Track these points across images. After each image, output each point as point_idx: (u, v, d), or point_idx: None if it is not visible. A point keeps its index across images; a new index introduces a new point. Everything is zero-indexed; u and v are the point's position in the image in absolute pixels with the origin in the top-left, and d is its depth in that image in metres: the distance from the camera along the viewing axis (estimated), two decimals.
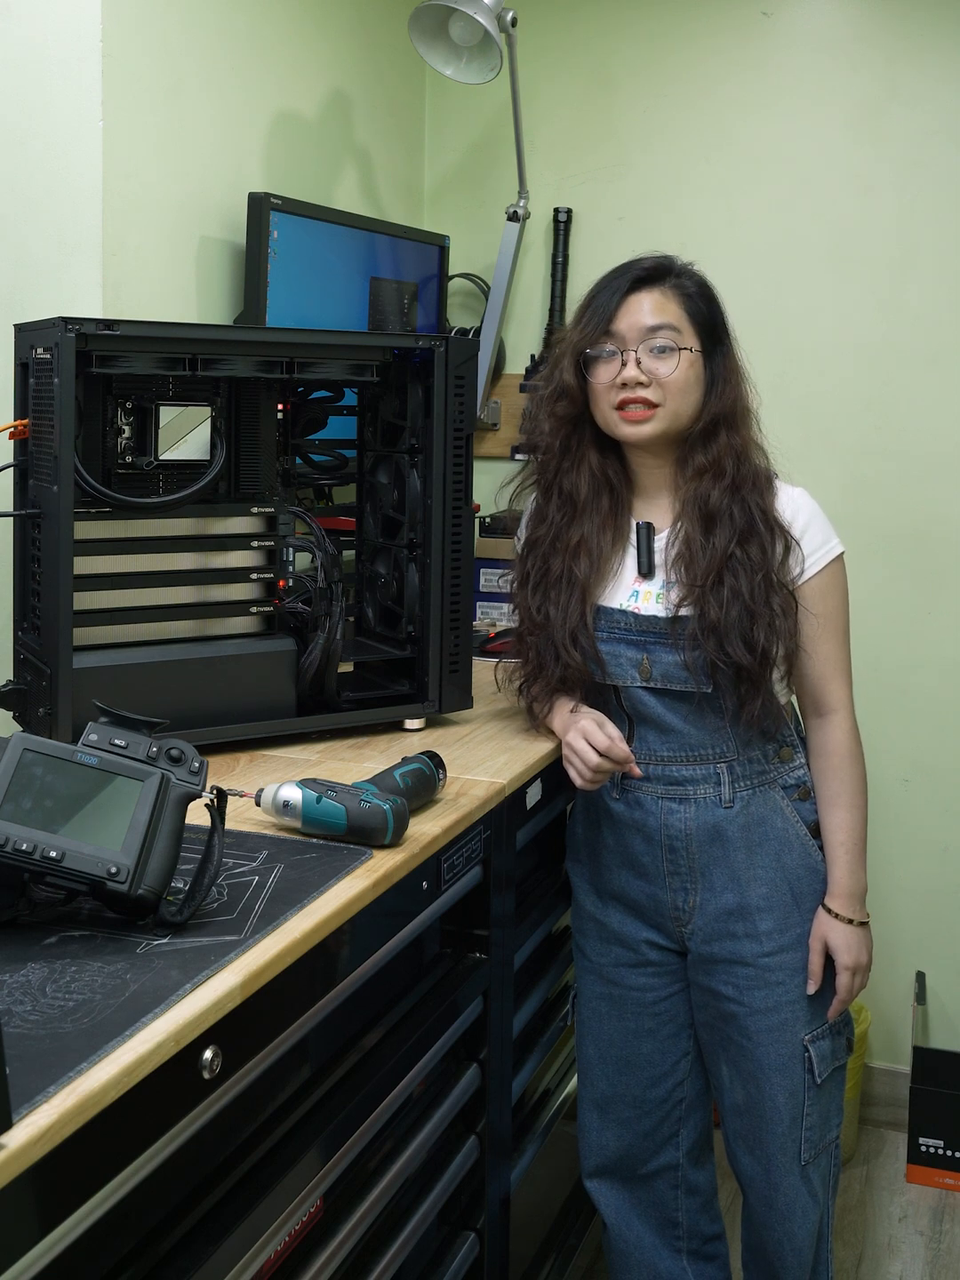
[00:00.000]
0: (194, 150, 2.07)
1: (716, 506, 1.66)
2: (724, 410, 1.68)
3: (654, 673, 1.70)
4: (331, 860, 1.30)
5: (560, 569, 1.73)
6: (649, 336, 1.65)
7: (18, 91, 1.84)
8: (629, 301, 1.66)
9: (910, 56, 2.58)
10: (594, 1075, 1.85)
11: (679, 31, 2.72)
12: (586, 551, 1.72)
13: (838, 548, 1.71)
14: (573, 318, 1.74)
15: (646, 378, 1.64)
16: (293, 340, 1.69)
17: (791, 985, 1.71)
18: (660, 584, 1.71)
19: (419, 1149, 1.46)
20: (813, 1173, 1.75)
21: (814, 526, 1.70)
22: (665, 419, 1.66)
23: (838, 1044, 1.75)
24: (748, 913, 1.72)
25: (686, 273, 1.71)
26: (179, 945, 1.10)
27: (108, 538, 1.60)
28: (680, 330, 1.66)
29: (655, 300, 1.66)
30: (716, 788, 1.71)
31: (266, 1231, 1.14)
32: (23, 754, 1.11)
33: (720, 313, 1.72)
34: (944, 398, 2.62)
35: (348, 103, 2.55)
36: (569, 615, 1.71)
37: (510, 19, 2.38)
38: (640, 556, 1.72)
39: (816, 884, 1.73)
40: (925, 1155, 2.62)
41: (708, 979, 1.75)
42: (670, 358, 1.65)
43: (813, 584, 1.69)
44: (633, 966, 1.79)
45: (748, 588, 1.63)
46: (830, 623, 1.70)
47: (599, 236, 2.80)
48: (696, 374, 1.68)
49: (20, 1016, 0.96)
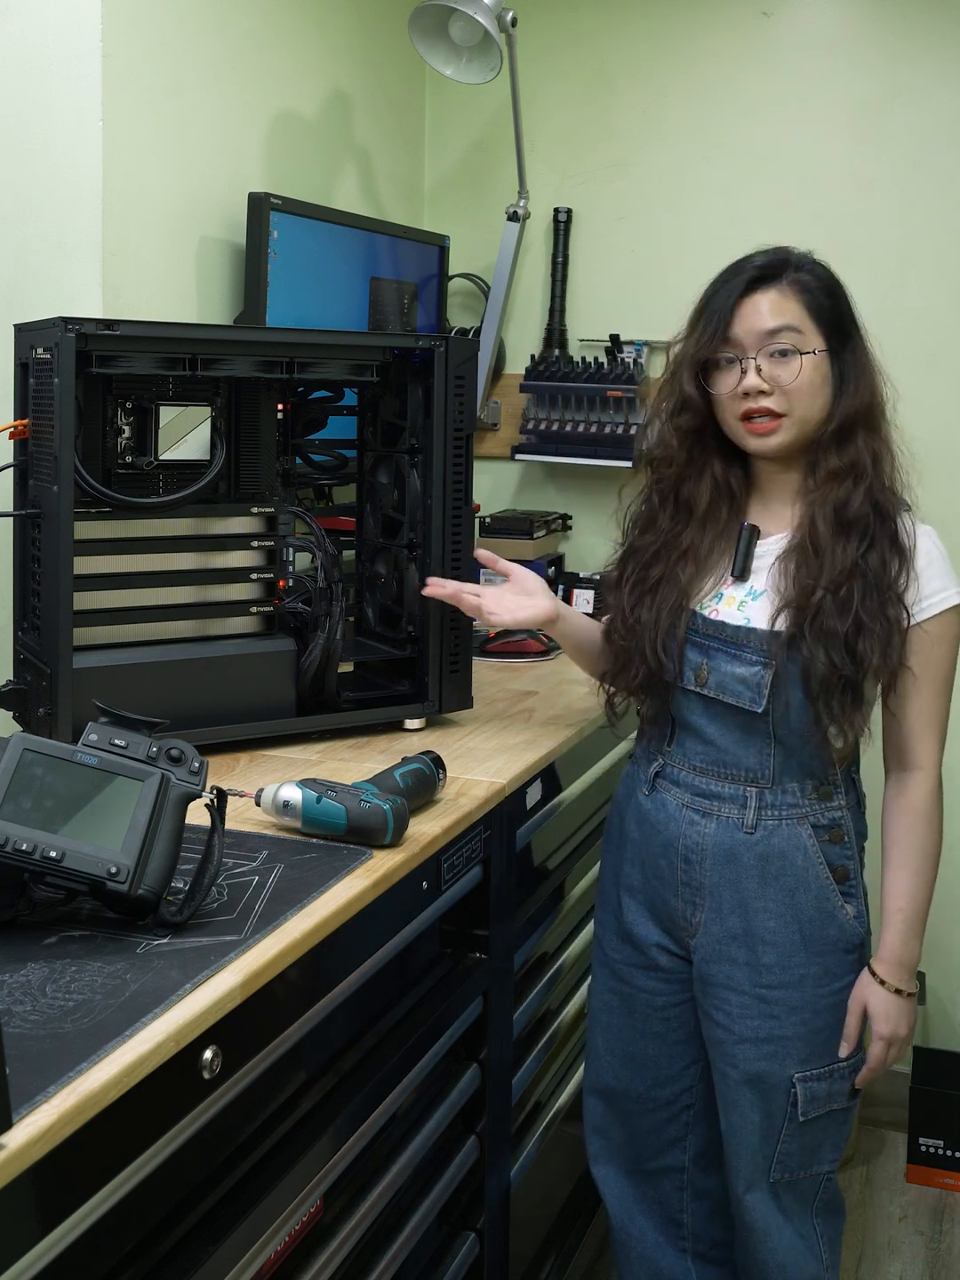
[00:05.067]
0: (194, 150, 2.07)
1: (857, 513, 1.55)
2: (859, 409, 1.57)
3: (710, 680, 1.62)
4: (331, 860, 1.30)
5: (661, 574, 1.65)
6: (768, 341, 1.54)
7: (18, 91, 1.84)
8: (745, 304, 1.56)
9: (911, 56, 2.58)
10: (600, 1065, 1.84)
11: (679, 31, 2.72)
12: (694, 556, 1.64)
13: (956, 597, 1.59)
14: (687, 324, 1.63)
15: (769, 385, 1.54)
16: (293, 340, 1.69)
17: (787, 1022, 1.64)
18: (747, 591, 1.63)
19: (419, 1149, 1.46)
20: (785, 1193, 1.68)
21: (934, 568, 1.59)
22: (793, 428, 1.57)
23: (837, 1088, 1.66)
24: (751, 942, 1.65)
25: (806, 264, 1.59)
26: (179, 945, 1.10)
27: (108, 538, 1.60)
28: (802, 331, 1.55)
29: (773, 300, 1.55)
30: (741, 810, 1.64)
31: (266, 1231, 1.14)
32: (23, 754, 1.11)
33: (847, 305, 1.60)
34: (944, 398, 2.62)
35: (348, 103, 2.55)
36: (661, 619, 1.63)
37: (510, 19, 2.38)
38: (737, 558, 1.64)
39: (830, 929, 1.64)
40: (925, 1155, 2.62)
41: (703, 998, 1.71)
42: (792, 362, 1.54)
43: (921, 629, 1.57)
44: (642, 969, 1.76)
45: (862, 596, 1.53)
46: (932, 674, 1.59)
47: (599, 236, 2.80)
48: (823, 375, 1.57)
49: (20, 1016, 0.96)
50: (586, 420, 2.68)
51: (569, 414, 2.70)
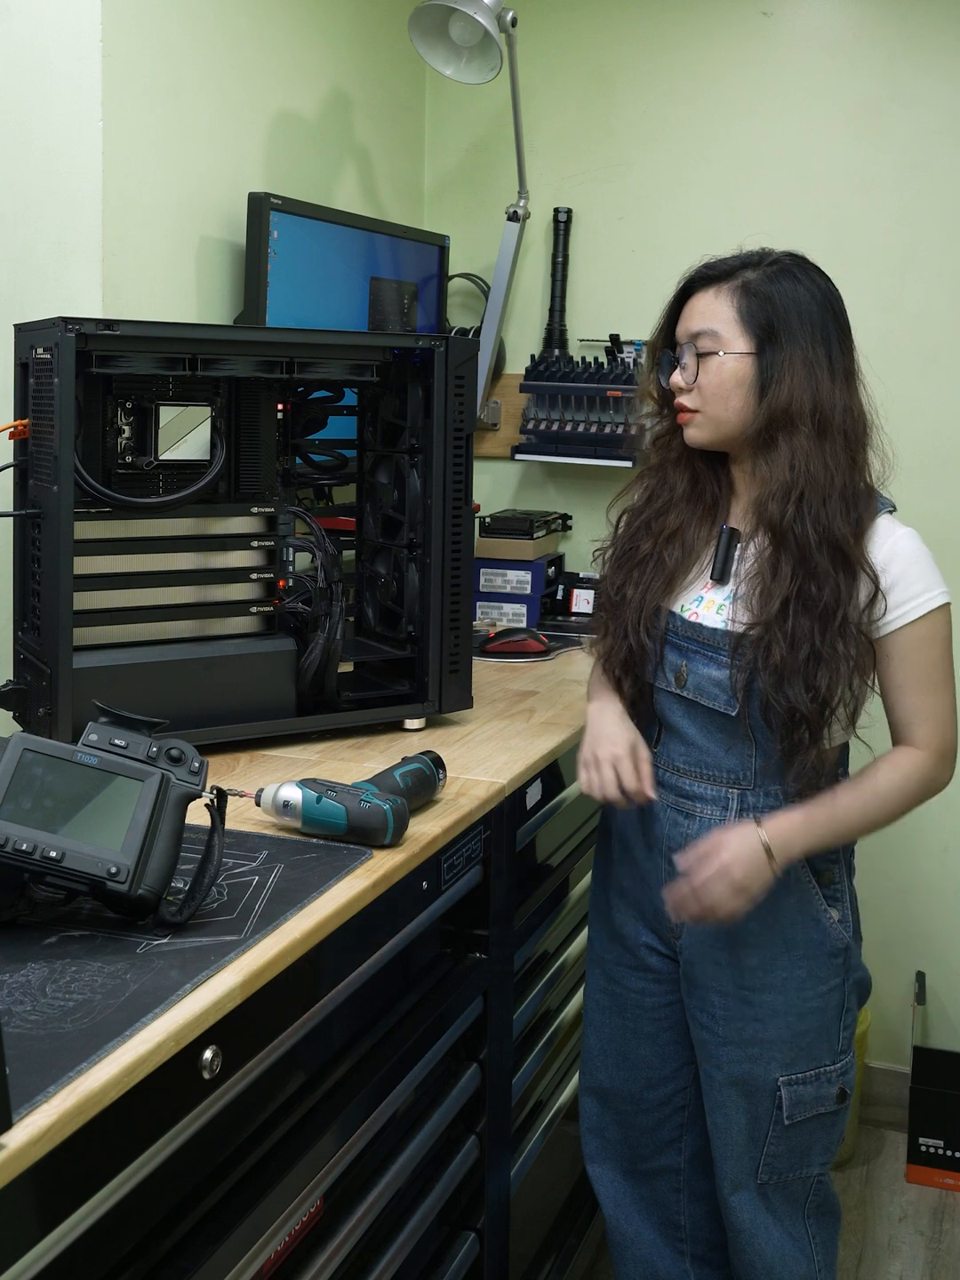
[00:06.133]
0: (194, 150, 2.07)
1: (776, 520, 1.55)
2: (776, 412, 1.56)
3: (688, 682, 1.64)
4: (331, 860, 1.30)
5: (650, 551, 1.67)
6: (693, 341, 1.60)
7: (18, 91, 1.84)
8: (686, 305, 1.64)
9: (911, 56, 2.58)
10: (594, 1065, 1.84)
11: (679, 31, 2.72)
12: (681, 541, 1.66)
13: (939, 598, 1.57)
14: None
15: (686, 383, 1.60)
16: (293, 340, 1.69)
17: (770, 1025, 1.63)
18: (727, 595, 1.64)
19: (419, 1149, 1.46)
20: (774, 1194, 1.68)
21: (909, 576, 1.57)
22: (706, 426, 1.61)
23: (824, 1092, 1.65)
24: (734, 943, 1.65)
25: (765, 264, 1.60)
26: (179, 945, 1.10)
27: (108, 538, 1.60)
28: (722, 333, 1.58)
29: (706, 302, 1.60)
30: (723, 812, 1.64)
31: (266, 1231, 1.14)
32: (23, 754, 1.11)
33: (785, 308, 1.57)
34: (944, 398, 2.62)
35: (348, 103, 2.55)
36: (645, 602, 1.65)
37: (510, 19, 2.38)
38: (716, 560, 1.65)
39: (814, 933, 1.64)
40: (925, 1155, 2.62)
41: (689, 999, 1.71)
42: (708, 362, 1.58)
43: (902, 635, 1.56)
44: (632, 969, 1.77)
45: (818, 630, 1.52)
46: (921, 675, 1.58)
47: (599, 236, 2.80)
48: (739, 378, 1.58)
49: (20, 1016, 0.96)
50: (586, 420, 2.68)
51: (569, 414, 2.70)
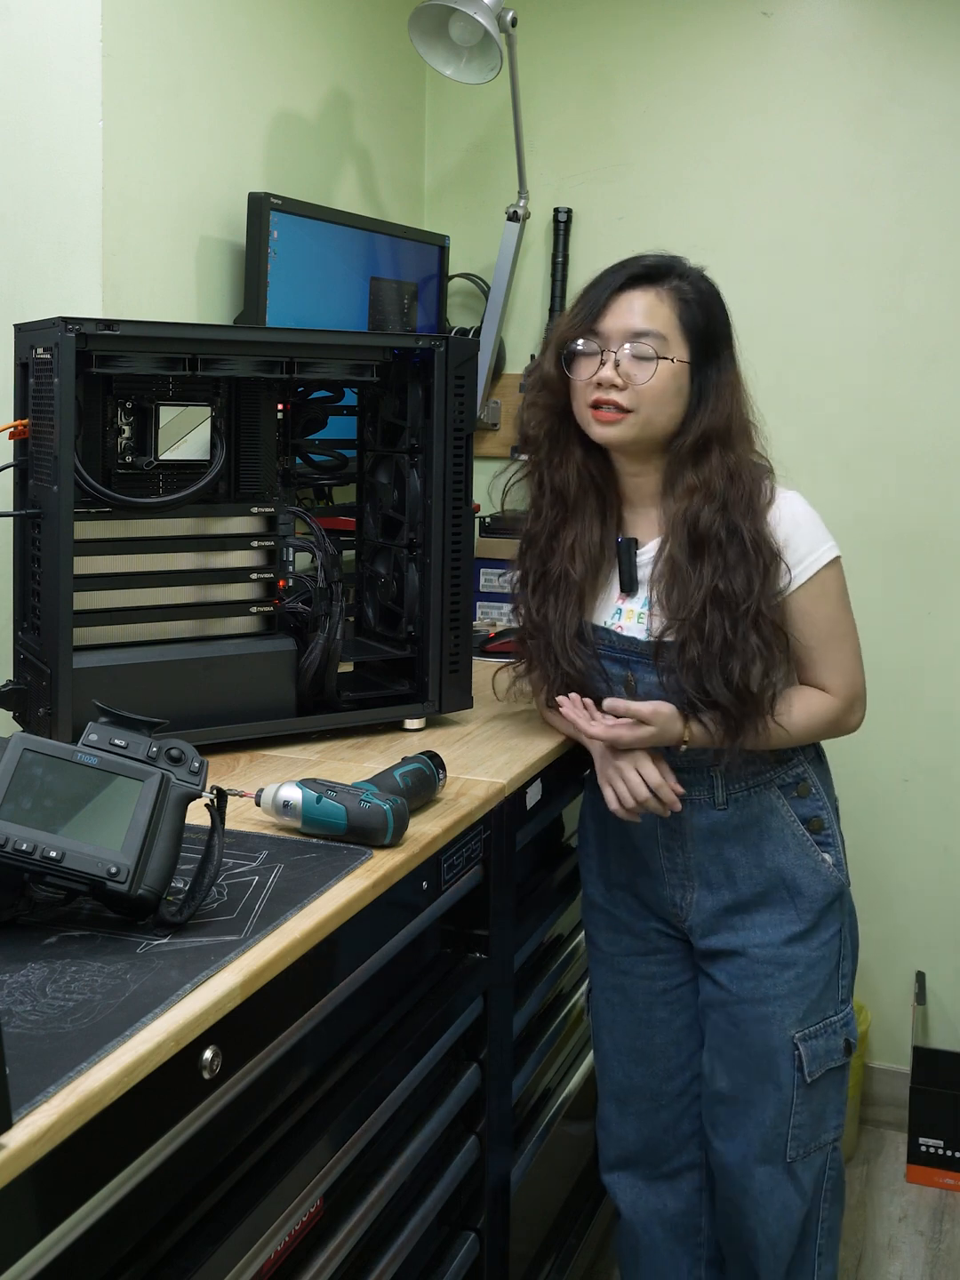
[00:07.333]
0: (194, 150, 2.07)
1: (706, 530, 1.58)
2: (716, 427, 1.61)
3: (639, 689, 1.68)
4: (331, 860, 1.30)
5: (558, 570, 1.70)
6: (632, 340, 1.59)
7: (18, 91, 1.84)
8: (620, 300, 1.61)
9: (910, 56, 2.58)
10: (610, 1066, 1.85)
11: (679, 31, 2.72)
12: (581, 554, 1.69)
13: (829, 553, 1.64)
14: (569, 306, 1.69)
15: (623, 381, 1.59)
16: (293, 340, 1.69)
17: (781, 980, 1.69)
18: (643, 603, 1.68)
19: (419, 1149, 1.46)
20: (800, 1170, 1.72)
21: (798, 535, 1.62)
22: (636, 426, 1.61)
23: (833, 1044, 1.73)
24: (743, 908, 1.72)
25: (690, 276, 1.64)
26: (179, 945, 1.10)
27: (108, 538, 1.60)
28: (667, 339, 1.60)
29: (648, 303, 1.60)
30: (710, 791, 1.71)
31: (266, 1231, 1.14)
32: (23, 754, 1.11)
33: (720, 324, 1.65)
34: (944, 398, 2.62)
35: (348, 103, 2.55)
36: (568, 622, 1.68)
37: (510, 19, 2.37)
38: (623, 573, 1.69)
39: (816, 884, 1.70)
40: (925, 1155, 2.62)
41: (706, 966, 1.76)
42: (649, 365, 1.59)
43: (801, 593, 1.63)
44: (643, 955, 1.81)
45: (730, 623, 1.57)
46: (823, 629, 1.64)
47: (599, 236, 2.80)
48: (679, 386, 1.61)
49: (20, 1016, 0.96)
50: None
51: None
